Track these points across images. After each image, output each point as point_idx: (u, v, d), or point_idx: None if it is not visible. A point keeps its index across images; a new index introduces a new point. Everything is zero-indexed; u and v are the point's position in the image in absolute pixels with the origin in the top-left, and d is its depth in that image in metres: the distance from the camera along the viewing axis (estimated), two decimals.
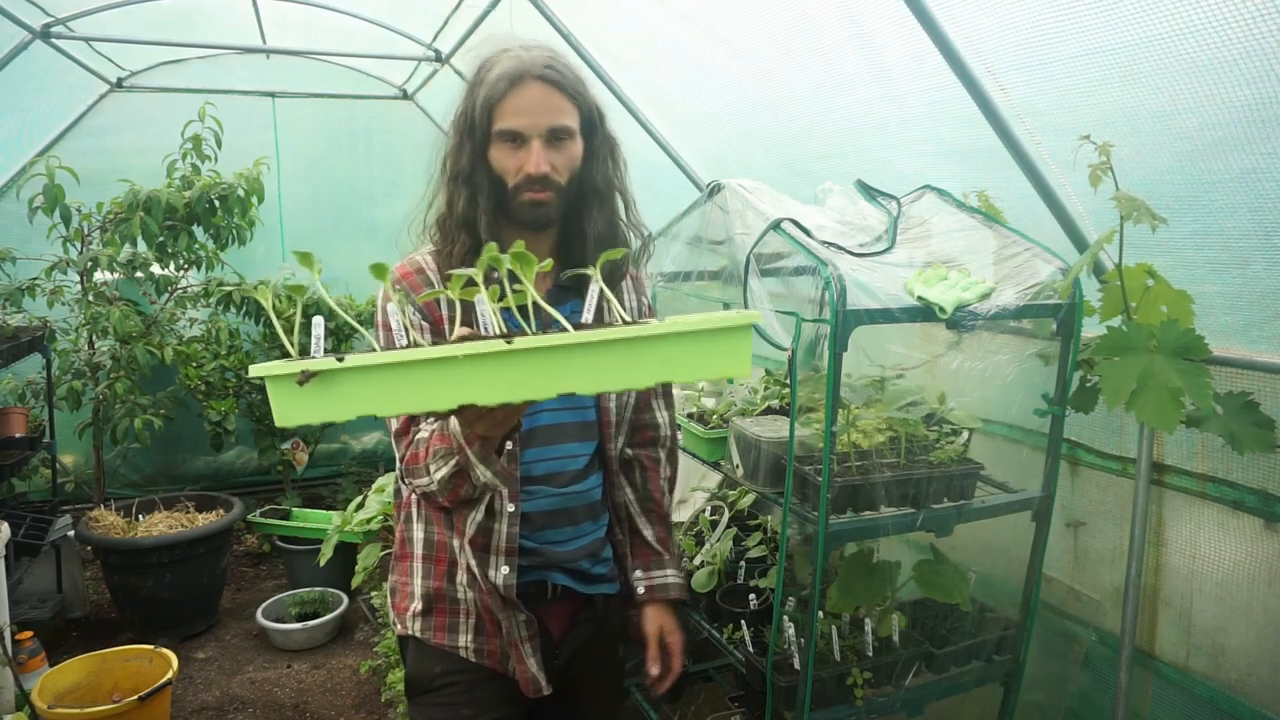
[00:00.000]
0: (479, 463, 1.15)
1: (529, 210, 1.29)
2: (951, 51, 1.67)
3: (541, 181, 1.26)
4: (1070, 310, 1.76)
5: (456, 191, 1.31)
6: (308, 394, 0.87)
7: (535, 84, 1.25)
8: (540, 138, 1.25)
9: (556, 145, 1.27)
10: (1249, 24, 1.30)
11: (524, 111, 1.25)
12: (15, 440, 3.27)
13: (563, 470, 1.41)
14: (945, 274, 1.71)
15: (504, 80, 1.25)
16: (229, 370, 4.19)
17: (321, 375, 0.87)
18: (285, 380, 0.87)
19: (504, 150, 1.27)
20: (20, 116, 3.81)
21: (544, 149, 1.26)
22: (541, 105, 1.25)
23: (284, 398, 0.88)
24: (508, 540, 1.36)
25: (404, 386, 0.88)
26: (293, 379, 0.87)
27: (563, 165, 1.28)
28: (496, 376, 0.88)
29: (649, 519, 1.55)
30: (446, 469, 1.19)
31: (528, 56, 1.26)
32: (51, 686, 2.57)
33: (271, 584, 4.00)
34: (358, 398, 0.88)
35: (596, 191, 1.35)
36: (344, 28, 3.86)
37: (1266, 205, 1.52)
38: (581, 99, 1.29)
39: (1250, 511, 1.73)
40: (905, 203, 2.03)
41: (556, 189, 1.28)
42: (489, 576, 1.36)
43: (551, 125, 1.26)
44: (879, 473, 1.75)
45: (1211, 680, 1.82)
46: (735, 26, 2.37)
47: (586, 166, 1.33)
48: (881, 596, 1.88)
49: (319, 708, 3.04)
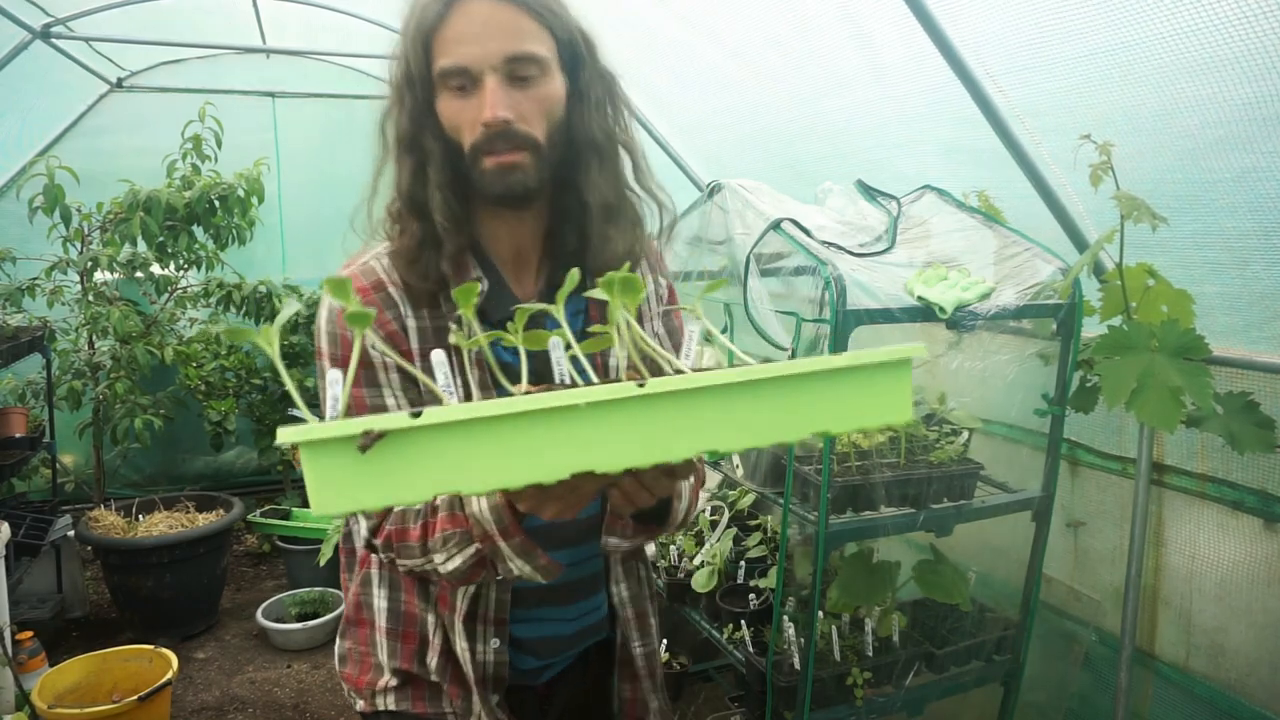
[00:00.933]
0: (516, 556, 0.91)
1: (497, 179, 0.94)
2: (951, 51, 1.67)
3: (505, 135, 0.91)
4: (1070, 310, 1.76)
5: (401, 164, 1.00)
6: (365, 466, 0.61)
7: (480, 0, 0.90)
8: (495, 71, 0.90)
9: (521, 84, 0.92)
10: (1249, 22, 1.30)
11: (468, 38, 0.90)
12: (15, 440, 3.27)
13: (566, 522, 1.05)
14: (945, 274, 1.71)
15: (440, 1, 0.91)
16: (229, 370, 4.19)
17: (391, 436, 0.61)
18: (333, 448, 0.61)
19: (451, 99, 0.93)
20: (20, 116, 3.81)
21: (502, 88, 0.91)
22: (491, 26, 0.90)
23: (329, 473, 0.61)
24: (497, 609, 1.10)
25: (501, 449, 0.64)
26: (346, 445, 0.60)
27: (533, 111, 0.93)
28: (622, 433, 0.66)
29: None
30: (461, 560, 0.93)
31: None
32: (51, 686, 2.57)
33: (271, 584, 4.00)
34: (436, 468, 0.63)
35: (593, 146, 1.00)
36: (344, 27, 3.86)
37: (1267, 205, 1.52)
38: (555, 19, 0.94)
39: (1250, 512, 1.73)
40: (905, 203, 2.03)
41: (530, 146, 0.94)
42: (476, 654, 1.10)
43: (508, 53, 0.90)
44: (879, 473, 1.75)
45: (1211, 680, 1.82)
46: (735, 27, 2.37)
47: (575, 114, 0.98)
48: (881, 596, 1.88)
49: (319, 708, 3.03)
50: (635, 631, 1.21)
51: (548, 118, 0.95)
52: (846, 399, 0.73)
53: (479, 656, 1.11)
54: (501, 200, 0.97)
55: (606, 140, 1.01)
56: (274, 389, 4.29)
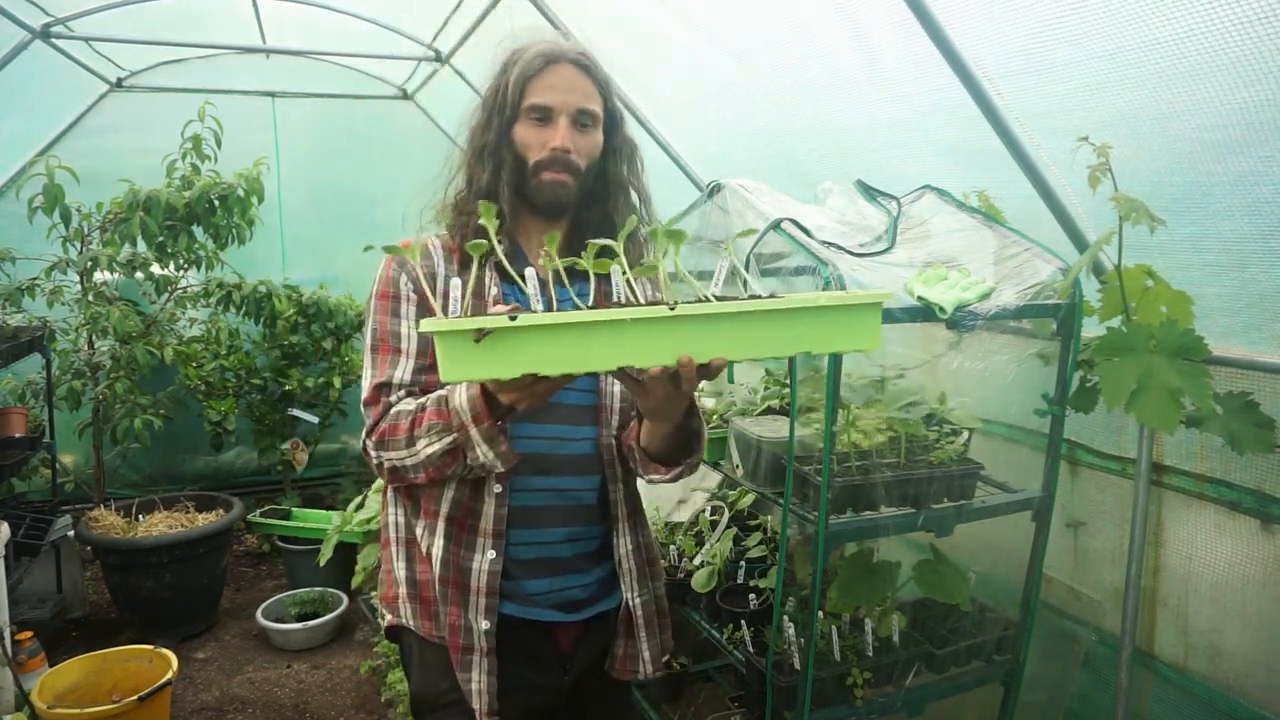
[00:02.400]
0: (483, 441, 1.15)
1: (548, 190, 1.30)
2: (952, 52, 1.67)
3: (564, 161, 1.28)
4: (1070, 310, 1.76)
5: (479, 166, 1.33)
6: (477, 352, 0.91)
7: (569, 66, 1.29)
8: (568, 116, 1.28)
9: (581, 129, 1.29)
10: (1247, 28, 1.31)
11: (556, 88, 1.27)
12: (15, 440, 3.27)
13: (551, 454, 1.34)
14: (945, 274, 1.72)
15: (540, 58, 1.28)
16: (229, 370, 4.19)
17: (496, 333, 0.90)
18: (457, 338, 0.91)
19: (530, 127, 1.29)
20: (20, 116, 3.81)
21: (570, 128, 1.28)
22: (573, 86, 1.28)
23: (453, 355, 0.92)
24: (495, 522, 1.30)
25: (569, 347, 0.93)
26: (465, 336, 0.90)
27: (584, 149, 1.30)
28: (657, 341, 0.94)
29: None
30: (440, 445, 1.19)
31: (564, 43, 1.32)
32: (51, 687, 2.57)
33: (271, 584, 4.00)
34: (525, 356, 0.92)
35: (618, 186, 1.37)
36: (344, 27, 3.86)
37: (1264, 208, 1.52)
38: (608, 95, 1.33)
39: (1247, 512, 1.73)
40: (905, 203, 2.03)
41: (576, 172, 1.30)
42: (469, 562, 1.30)
43: (580, 107, 1.28)
44: (879, 473, 1.75)
45: (1210, 680, 1.82)
46: (734, 28, 2.38)
47: (607, 160, 1.36)
48: (881, 596, 1.89)
49: (319, 708, 3.04)
50: (635, 583, 1.41)
51: (589, 157, 1.32)
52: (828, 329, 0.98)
53: (476, 564, 1.31)
54: (545, 207, 1.32)
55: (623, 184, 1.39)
56: (274, 389, 4.29)
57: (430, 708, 1.37)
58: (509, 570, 1.33)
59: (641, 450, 1.31)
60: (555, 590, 1.37)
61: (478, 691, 1.31)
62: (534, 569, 1.35)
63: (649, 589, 1.44)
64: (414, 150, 4.81)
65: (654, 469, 1.32)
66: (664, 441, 1.27)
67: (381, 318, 1.31)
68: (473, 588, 1.31)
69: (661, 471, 1.32)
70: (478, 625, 1.30)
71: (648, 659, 1.43)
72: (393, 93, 4.82)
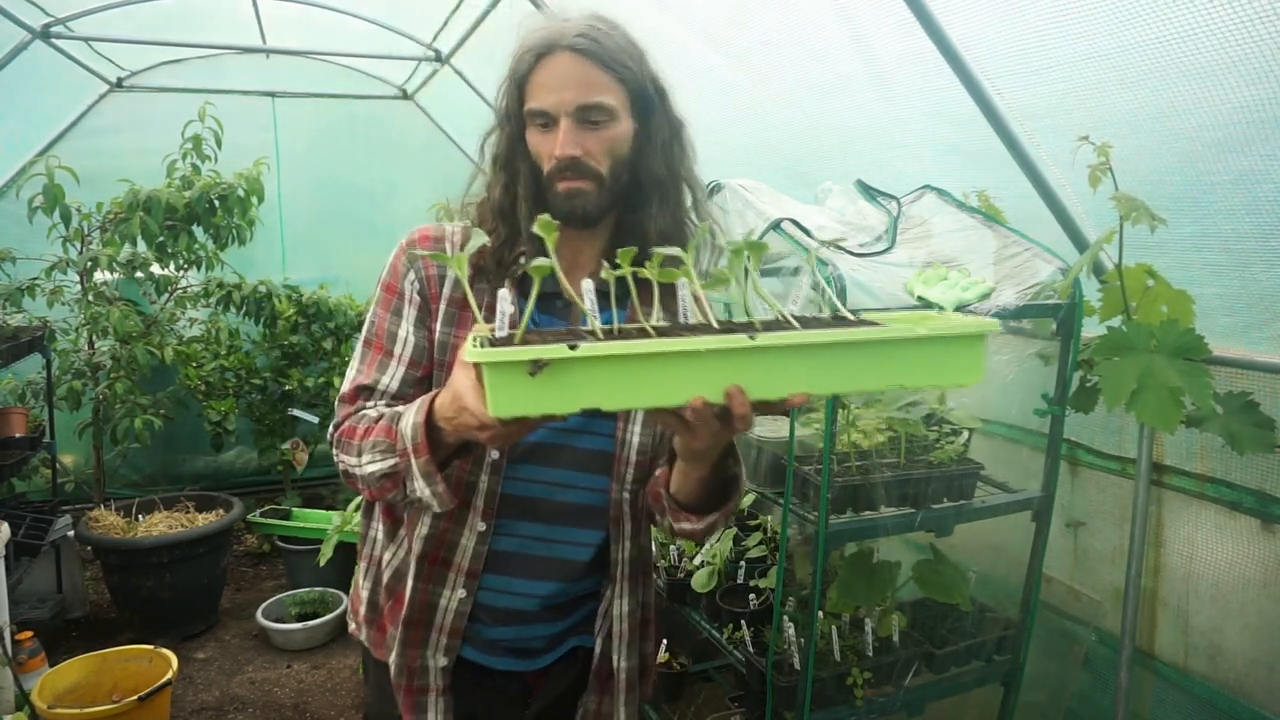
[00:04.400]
0: (419, 475, 1.03)
1: (564, 201, 1.11)
2: (951, 52, 1.67)
3: (574, 167, 1.09)
4: (1070, 310, 1.76)
5: (495, 177, 1.18)
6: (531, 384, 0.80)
7: (564, 55, 1.08)
8: (568, 116, 1.08)
9: (591, 126, 1.09)
10: (1248, 26, 1.31)
11: (549, 87, 1.08)
12: (15, 440, 3.27)
13: (546, 499, 1.20)
14: (945, 274, 1.72)
15: (530, 53, 1.10)
16: (229, 370, 4.19)
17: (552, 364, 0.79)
18: (509, 369, 0.80)
19: (535, 133, 1.12)
20: (20, 116, 3.81)
21: (574, 129, 1.09)
22: (570, 79, 1.08)
23: (503, 388, 0.81)
24: (472, 560, 1.19)
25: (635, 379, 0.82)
26: (518, 368, 0.79)
27: (599, 149, 1.10)
28: (731, 374, 0.83)
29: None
30: (380, 466, 1.08)
31: (561, 25, 1.10)
32: (51, 686, 2.57)
33: (271, 584, 4.00)
34: (584, 389, 0.82)
35: (657, 182, 1.16)
36: (344, 27, 3.86)
37: (1265, 207, 1.52)
38: (627, 71, 1.10)
39: (1247, 512, 1.73)
40: (905, 203, 2.03)
41: (594, 177, 1.10)
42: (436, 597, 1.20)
43: (581, 102, 1.08)
44: (879, 473, 1.75)
45: (1210, 680, 1.82)
46: (735, 30, 2.37)
47: (642, 153, 1.15)
48: (881, 596, 1.89)
49: (319, 708, 3.04)
50: (624, 646, 1.27)
51: (612, 155, 1.11)
52: (923, 362, 0.85)
53: (444, 601, 1.21)
54: (566, 219, 1.10)
55: (670, 177, 1.18)
56: (274, 389, 4.29)
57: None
58: (475, 613, 1.23)
59: (670, 497, 1.17)
60: (519, 639, 1.26)
61: None
62: (502, 616, 1.24)
63: (637, 653, 1.30)
64: (414, 150, 4.82)
65: (685, 518, 1.16)
66: (698, 488, 1.12)
67: (382, 312, 1.21)
68: (435, 624, 1.22)
69: (693, 521, 1.16)
70: (434, 663, 1.22)
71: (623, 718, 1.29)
72: (393, 93, 4.82)
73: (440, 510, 1.08)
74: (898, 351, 0.85)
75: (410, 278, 1.19)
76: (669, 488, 1.16)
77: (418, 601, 1.21)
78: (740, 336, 0.82)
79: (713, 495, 1.14)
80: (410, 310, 1.19)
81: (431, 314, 1.19)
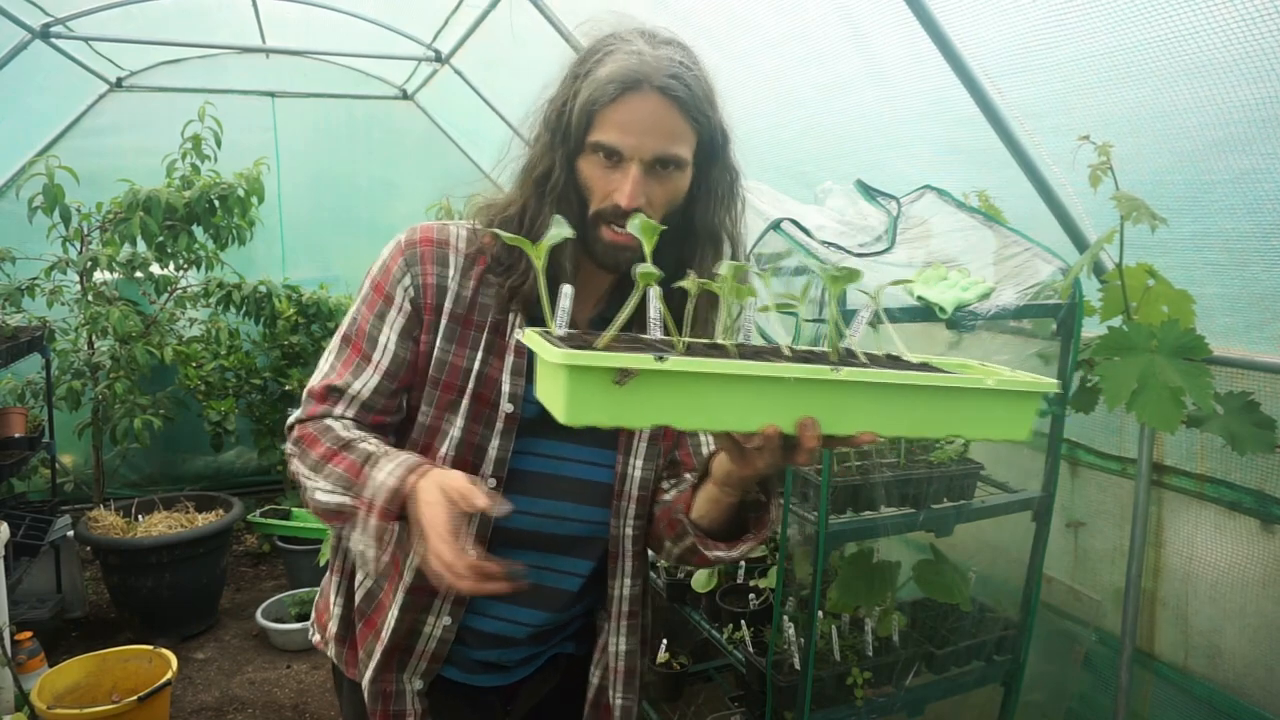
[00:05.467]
0: (365, 533, 0.98)
1: (607, 254, 1.05)
2: (951, 51, 1.67)
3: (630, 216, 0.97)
4: (1070, 310, 1.76)
5: (539, 203, 1.07)
6: (611, 393, 0.76)
7: (653, 96, 1.00)
8: (641, 163, 1.01)
9: (660, 175, 1.02)
10: (1248, 25, 1.30)
11: (630, 129, 1.00)
12: (15, 440, 3.26)
13: (540, 532, 1.16)
14: (945, 274, 1.71)
15: (615, 84, 1.00)
16: (229, 370, 4.19)
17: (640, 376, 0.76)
18: (592, 375, 0.76)
19: (595, 164, 1.03)
20: (20, 116, 3.81)
21: (642, 178, 1.01)
22: (653, 125, 1.00)
23: (583, 394, 0.76)
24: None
25: (714, 399, 0.80)
26: (602, 375, 0.75)
27: (661, 200, 1.04)
28: (808, 405, 0.82)
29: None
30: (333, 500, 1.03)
31: (652, 57, 1.00)
32: (51, 687, 2.57)
33: (271, 584, 4.00)
34: (660, 405, 0.79)
35: (709, 234, 1.10)
36: (344, 27, 3.86)
37: (1266, 206, 1.52)
38: (705, 120, 1.04)
39: (1248, 512, 1.73)
40: (905, 203, 2.03)
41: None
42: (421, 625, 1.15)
43: (659, 153, 1.01)
44: (879, 473, 1.75)
45: (1210, 680, 1.82)
46: (735, 30, 2.37)
47: (694, 203, 1.08)
48: (881, 596, 1.88)
49: (319, 708, 3.03)
50: (620, 684, 1.24)
51: (669, 205, 1.05)
52: (983, 413, 0.88)
53: (428, 629, 1.16)
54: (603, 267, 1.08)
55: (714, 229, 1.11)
56: (274, 389, 4.29)
57: None
58: (460, 635, 1.18)
59: (693, 524, 1.10)
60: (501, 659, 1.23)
61: None
62: (488, 641, 1.20)
63: (635, 690, 1.26)
64: (414, 150, 4.82)
65: (715, 546, 1.10)
66: (725, 514, 1.06)
67: (366, 312, 1.14)
68: (417, 650, 1.17)
69: (723, 549, 1.10)
70: (411, 686, 1.17)
71: None
72: (393, 93, 4.82)
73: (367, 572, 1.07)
74: (964, 400, 0.87)
75: (405, 283, 1.11)
76: (690, 514, 1.10)
77: (402, 628, 1.16)
78: (823, 368, 0.81)
79: (735, 524, 1.10)
80: (397, 318, 1.12)
81: (424, 325, 1.12)
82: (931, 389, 0.85)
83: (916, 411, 0.86)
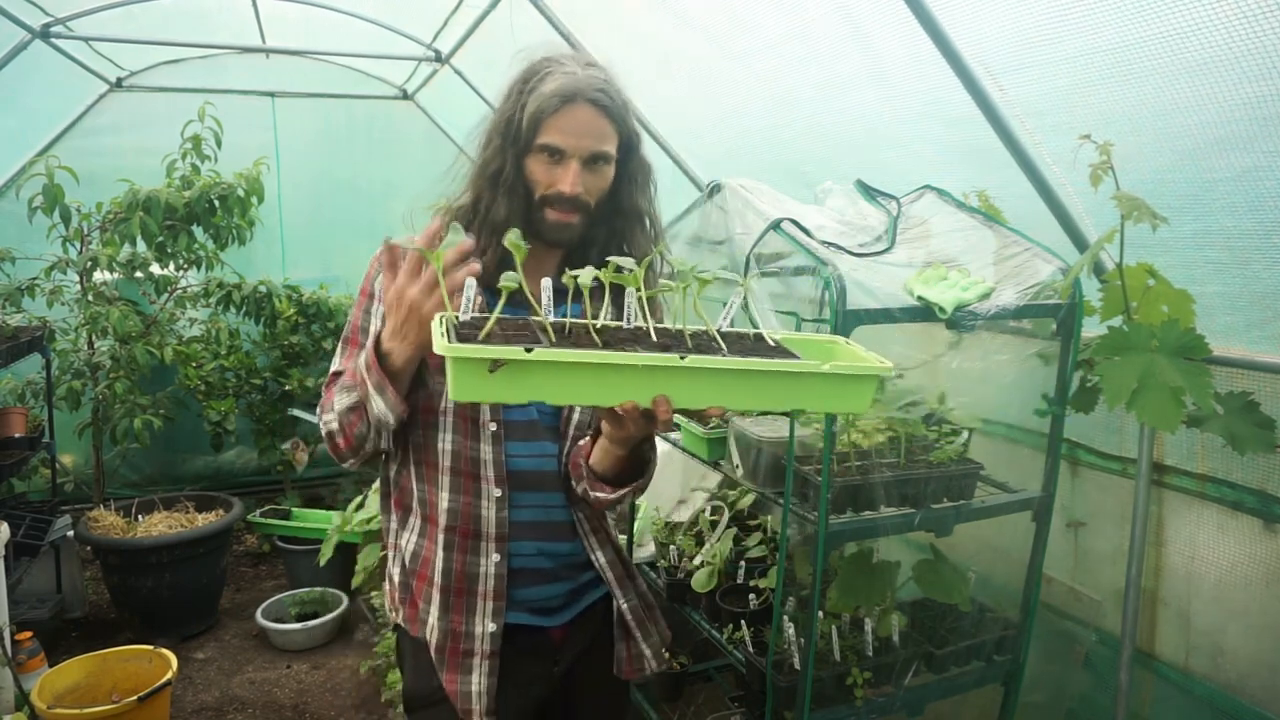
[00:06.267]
0: (374, 392, 1.20)
1: (553, 230, 1.30)
2: (951, 51, 1.66)
3: (571, 202, 1.28)
4: (1070, 310, 1.76)
5: (491, 194, 1.32)
6: (488, 378, 0.94)
7: (586, 107, 1.26)
8: (580, 159, 1.27)
9: (593, 168, 1.29)
10: (1250, 21, 1.30)
11: (570, 132, 1.26)
12: (15, 440, 3.27)
13: (541, 470, 1.38)
14: (945, 274, 1.71)
15: (557, 98, 1.25)
16: (229, 370, 4.19)
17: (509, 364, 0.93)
18: (471, 364, 0.93)
19: (541, 161, 1.28)
20: (20, 116, 3.81)
21: (580, 170, 1.27)
22: (588, 128, 1.27)
23: (465, 378, 0.94)
24: (497, 526, 1.34)
25: (579, 382, 0.97)
26: (479, 364, 0.93)
27: (594, 188, 1.30)
28: (661, 386, 0.99)
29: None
30: (347, 400, 1.27)
31: (583, 77, 1.27)
32: (51, 687, 2.57)
33: (271, 584, 4.00)
34: (534, 386, 0.95)
35: (623, 214, 1.37)
36: (344, 27, 3.86)
37: (1267, 204, 1.52)
38: (624, 123, 1.31)
39: (1249, 512, 1.73)
40: (905, 203, 2.03)
41: (584, 210, 1.30)
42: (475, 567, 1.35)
43: (593, 150, 1.27)
44: (879, 473, 1.75)
45: (1211, 681, 1.82)
46: (735, 30, 2.37)
47: (618, 189, 1.35)
48: (881, 596, 1.88)
49: (319, 708, 3.03)
50: (619, 589, 1.46)
51: (600, 192, 1.32)
52: (822, 392, 1.03)
53: (483, 569, 1.35)
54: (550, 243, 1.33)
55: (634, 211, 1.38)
56: (274, 389, 4.29)
57: (423, 703, 1.41)
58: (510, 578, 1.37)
59: (589, 468, 1.33)
60: (540, 598, 1.41)
61: (477, 693, 1.34)
62: (530, 578, 1.40)
63: (632, 591, 1.49)
64: (414, 150, 4.81)
65: (601, 488, 1.33)
66: (617, 464, 1.29)
67: (357, 313, 1.38)
68: (479, 592, 1.35)
69: (607, 491, 1.33)
70: (483, 628, 1.34)
71: (650, 655, 1.49)
72: (393, 93, 4.82)
73: (393, 418, 1.22)
74: (802, 381, 1.01)
75: (379, 280, 1.35)
76: (588, 459, 1.33)
77: (455, 571, 1.35)
78: (672, 356, 0.97)
79: (625, 472, 1.32)
80: (378, 307, 1.35)
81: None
82: (768, 373, 1.00)
83: (761, 391, 1.01)
